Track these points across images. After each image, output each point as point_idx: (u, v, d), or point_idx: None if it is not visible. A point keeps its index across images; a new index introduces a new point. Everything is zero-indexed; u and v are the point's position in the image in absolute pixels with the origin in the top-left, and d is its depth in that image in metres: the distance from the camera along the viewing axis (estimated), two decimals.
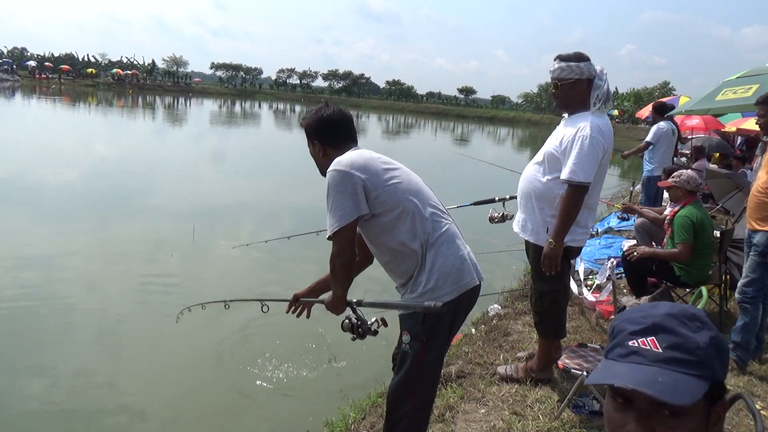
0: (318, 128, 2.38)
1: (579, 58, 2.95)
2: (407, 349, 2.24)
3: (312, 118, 2.39)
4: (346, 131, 2.40)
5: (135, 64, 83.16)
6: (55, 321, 4.95)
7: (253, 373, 4.23)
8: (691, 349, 0.84)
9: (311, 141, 2.42)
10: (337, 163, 2.19)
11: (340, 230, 2.13)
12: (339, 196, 2.13)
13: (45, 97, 40.24)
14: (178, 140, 22.46)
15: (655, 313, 0.88)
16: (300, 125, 2.45)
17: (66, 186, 10.60)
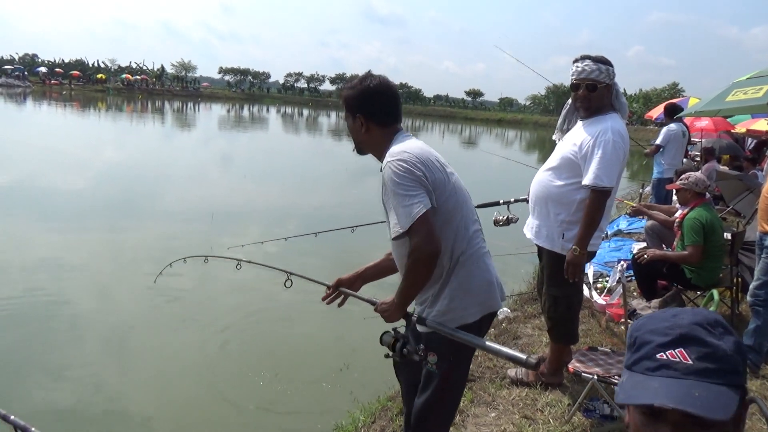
0: (363, 100, 2.10)
1: (608, 62, 2.96)
2: (434, 369, 2.07)
3: (356, 88, 2.11)
4: (395, 108, 2.14)
5: (144, 70, 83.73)
6: (64, 325, 4.98)
7: (264, 377, 4.24)
8: (721, 357, 0.83)
9: (352, 114, 2.13)
10: (402, 154, 1.95)
11: (420, 217, 1.84)
12: (412, 184, 1.89)
13: (55, 103, 40.60)
14: (188, 144, 22.60)
15: (680, 323, 0.87)
16: (339, 96, 2.19)
17: (76, 190, 10.68)
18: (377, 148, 2.11)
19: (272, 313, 5.61)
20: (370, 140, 2.12)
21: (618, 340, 3.99)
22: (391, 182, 1.91)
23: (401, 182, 1.89)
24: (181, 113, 44.42)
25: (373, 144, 2.13)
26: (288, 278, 2.58)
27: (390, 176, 1.92)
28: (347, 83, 2.17)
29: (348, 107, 2.13)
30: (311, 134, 34.42)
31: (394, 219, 1.90)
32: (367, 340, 4.97)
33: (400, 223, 1.87)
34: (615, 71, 2.98)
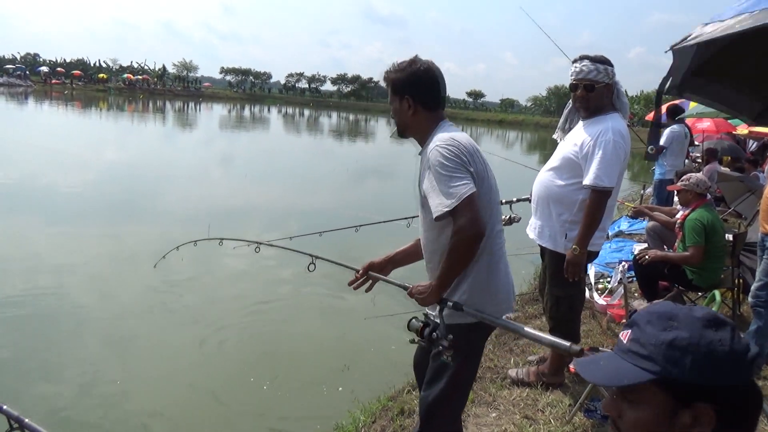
0: (414, 82, 2.11)
1: (608, 62, 2.95)
2: (448, 361, 2.05)
3: (405, 70, 2.11)
4: (441, 93, 2.15)
5: (146, 69, 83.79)
6: (66, 324, 4.99)
7: (264, 376, 4.24)
8: (645, 344, 0.92)
9: (400, 96, 2.12)
10: (451, 140, 1.97)
11: (467, 198, 1.85)
12: (459, 167, 1.91)
13: (57, 102, 40.65)
14: (189, 144, 22.61)
15: (645, 310, 0.97)
16: (384, 78, 2.17)
17: (77, 190, 10.69)
18: (420, 131, 2.15)
19: (273, 312, 5.62)
20: (415, 123, 2.14)
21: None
22: (439, 163, 1.91)
23: (449, 164, 1.91)
24: (183, 113, 44.44)
25: (417, 127, 2.15)
26: (312, 262, 2.58)
27: (437, 158, 1.92)
28: (394, 66, 2.16)
29: (395, 89, 2.14)
30: (312, 134, 34.44)
31: (439, 199, 1.89)
32: (367, 340, 4.99)
33: (445, 203, 1.87)
34: (615, 71, 2.97)
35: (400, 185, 15.10)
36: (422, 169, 2.06)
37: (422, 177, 2.05)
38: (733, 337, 0.89)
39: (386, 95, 2.24)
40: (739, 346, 0.88)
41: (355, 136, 36.66)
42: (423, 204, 2.08)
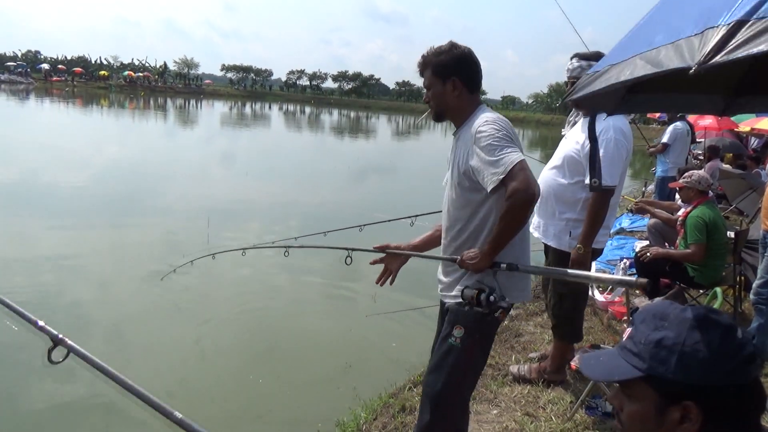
0: (459, 65, 2.14)
1: (599, 57, 2.93)
2: (456, 343, 2.09)
3: (450, 53, 2.14)
4: (481, 76, 2.21)
5: (147, 67, 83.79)
6: (67, 321, 4.99)
7: (265, 373, 4.25)
8: (636, 342, 0.96)
9: (446, 78, 2.14)
10: (499, 118, 2.05)
11: (519, 162, 1.90)
12: (509, 139, 1.98)
13: (58, 100, 40.66)
14: (190, 142, 22.61)
15: (644, 308, 1.01)
16: (423, 62, 2.19)
17: (79, 187, 10.70)
18: (461, 113, 2.18)
19: (273, 310, 5.62)
20: (458, 104, 2.16)
21: (620, 338, 3.98)
22: (490, 136, 1.97)
23: (500, 136, 1.97)
24: (184, 110, 44.44)
25: (459, 109, 2.17)
26: (348, 255, 2.63)
27: (489, 132, 1.98)
28: (434, 50, 2.17)
29: (438, 72, 2.15)
30: (313, 132, 34.42)
31: (493, 168, 1.93)
32: (368, 337, 4.99)
33: (499, 171, 1.91)
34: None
35: (402, 183, 15.12)
36: (459, 148, 2.13)
37: (461, 155, 2.10)
38: (724, 338, 0.90)
39: (387, 93, 2.25)
40: (729, 347, 0.89)
41: (356, 133, 36.65)
42: (459, 183, 2.12)
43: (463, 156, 2.09)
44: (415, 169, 18.51)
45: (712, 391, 0.89)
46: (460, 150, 2.13)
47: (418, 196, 12.25)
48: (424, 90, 2.23)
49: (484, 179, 1.97)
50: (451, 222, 2.21)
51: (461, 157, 2.10)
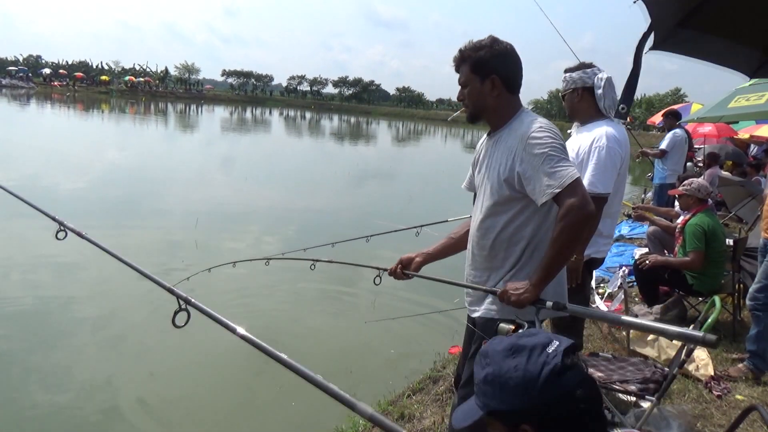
0: (500, 62, 1.99)
1: (578, 68, 2.94)
2: None
3: (492, 48, 1.98)
4: (521, 76, 2.05)
5: (147, 72, 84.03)
6: (65, 324, 4.99)
7: (263, 378, 4.24)
8: (476, 383, 1.05)
9: (482, 76, 1.99)
10: (551, 125, 1.93)
11: (577, 179, 1.80)
12: (564, 151, 1.87)
13: (59, 104, 40.74)
14: (190, 147, 22.64)
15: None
16: (461, 56, 2.02)
17: (78, 192, 10.71)
18: (500, 114, 2.04)
19: (272, 316, 5.62)
20: (497, 105, 2.02)
21: (619, 346, 3.98)
22: (547, 145, 1.84)
23: (558, 146, 1.86)
24: (184, 115, 44.53)
25: (498, 109, 2.03)
26: (378, 275, 2.53)
27: (545, 140, 1.86)
28: (473, 45, 2.01)
29: (477, 68, 1.99)
30: (314, 137, 34.48)
31: (548, 180, 1.81)
32: (367, 343, 4.98)
33: (555, 183, 1.79)
34: (590, 73, 2.92)
35: (404, 189, 15.12)
36: (500, 153, 1.99)
37: (502, 161, 1.96)
38: (529, 359, 0.98)
39: (388, 98, 2.22)
40: (533, 367, 0.97)
41: (357, 139, 36.70)
42: (497, 189, 1.99)
43: (505, 161, 1.95)
44: (416, 175, 18.54)
45: (537, 410, 0.95)
46: (500, 154, 1.99)
47: (421, 202, 12.28)
48: (459, 87, 2.07)
49: (536, 190, 1.85)
50: (483, 230, 2.09)
51: (503, 162, 1.96)
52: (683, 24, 2.01)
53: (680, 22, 1.99)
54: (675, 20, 2.02)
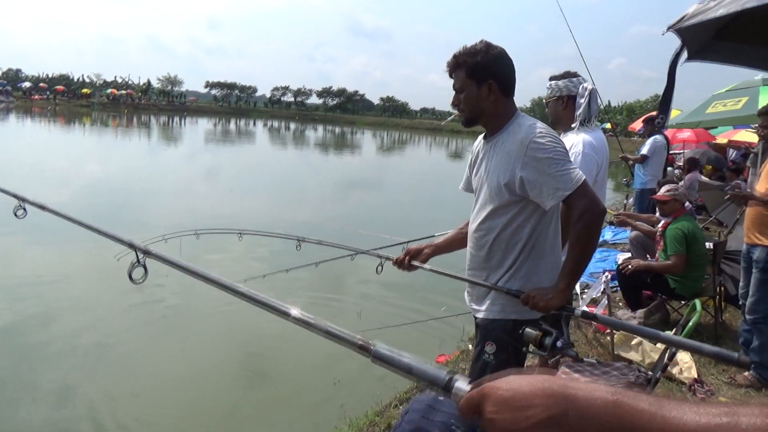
0: (497, 67, 2.01)
1: (562, 77, 3.00)
2: (490, 359, 2.03)
3: (488, 53, 2.00)
4: (515, 79, 2.09)
5: (130, 84, 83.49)
6: (50, 339, 4.90)
7: (250, 390, 4.20)
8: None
9: (479, 81, 2.01)
10: (549, 130, 1.99)
11: (584, 181, 1.87)
12: (566, 154, 1.94)
13: (40, 118, 40.28)
14: (173, 159, 22.49)
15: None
16: (457, 61, 2.03)
17: (59, 206, 10.55)
18: (497, 118, 2.06)
19: (259, 326, 5.57)
20: (494, 109, 2.04)
21: (604, 351, 4.01)
22: (551, 150, 1.89)
23: (561, 150, 1.91)
24: (168, 127, 44.25)
25: (495, 113, 2.06)
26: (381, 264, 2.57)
27: (547, 144, 1.90)
28: (468, 50, 2.02)
29: (473, 74, 2.01)
30: (298, 148, 34.44)
31: (555, 183, 1.86)
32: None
33: (565, 186, 1.85)
34: (576, 82, 2.98)
35: (390, 200, 15.13)
36: (498, 157, 2.01)
37: (501, 164, 1.99)
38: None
39: (372, 108, 2.23)
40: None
41: (341, 149, 36.72)
42: (497, 192, 2.01)
43: (504, 166, 1.98)
44: (402, 185, 18.58)
45: None
46: (499, 159, 2.02)
47: (406, 212, 12.30)
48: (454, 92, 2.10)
49: (543, 194, 1.89)
50: (482, 231, 2.12)
51: (502, 167, 1.99)
52: (719, 37, 2.18)
53: (716, 35, 2.16)
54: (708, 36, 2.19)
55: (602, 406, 0.58)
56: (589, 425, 0.58)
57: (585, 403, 0.59)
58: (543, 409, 0.60)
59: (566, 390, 0.61)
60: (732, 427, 0.49)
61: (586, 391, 0.60)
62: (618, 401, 0.58)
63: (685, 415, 0.53)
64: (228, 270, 6.32)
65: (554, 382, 0.63)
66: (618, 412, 0.57)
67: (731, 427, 0.49)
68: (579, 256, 1.90)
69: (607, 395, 0.59)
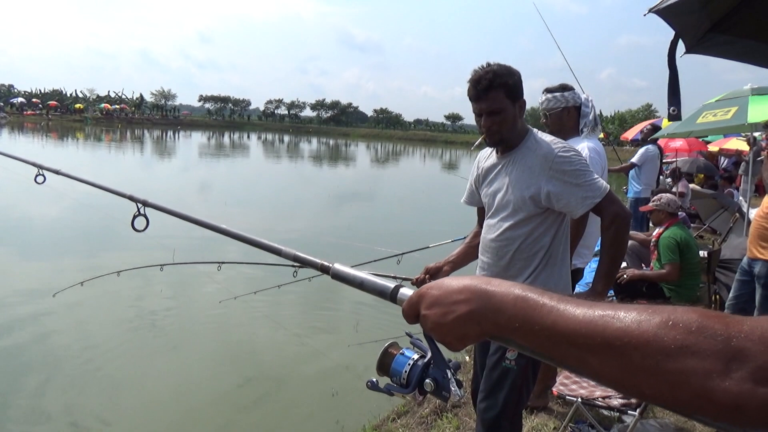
0: (522, 86, 2.10)
1: (564, 89, 3.09)
2: (511, 365, 2.09)
3: (515, 74, 2.07)
4: None
5: (123, 99, 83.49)
6: (43, 357, 4.86)
7: (245, 403, 4.17)
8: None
9: (516, 100, 2.08)
10: (569, 144, 2.13)
11: (610, 189, 2.04)
12: (591, 169, 2.07)
13: (32, 134, 40.17)
14: (167, 172, 22.43)
15: None
16: (492, 83, 2.02)
17: (51, 221, 10.52)
18: (518, 135, 2.14)
19: (254, 340, 5.54)
20: (519, 128, 2.13)
21: None
22: (577, 162, 2.03)
23: (585, 162, 2.07)
24: (161, 142, 44.22)
25: (518, 131, 2.13)
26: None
27: (572, 157, 2.03)
28: (502, 71, 2.04)
29: (512, 94, 2.06)
30: (292, 160, 34.47)
31: (583, 193, 1.99)
32: (350, 367, 4.93)
33: (591, 194, 1.99)
34: (576, 93, 3.10)
35: (385, 211, 15.14)
36: (520, 171, 2.09)
37: (524, 178, 2.07)
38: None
39: (365, 120, 2.25)
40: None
41: (336, 161, 36.78)
42: (520, 206, 2.08)
43: (528, 179, 2.06)
44: (396, 197, 18.59)
45: None
46: (521, 173, 2.09)
47: (400, 224, 12.29)
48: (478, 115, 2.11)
49: (571, 203, 2.00)
50: (502, 241, 2.17)
51: (525, 180, 2.07)
52: (717, 29, 2.16)
53: (713, 27, 2.14)
54: (704, 27, 2.17)
55: (511, 301, 0.65)
56: (500, 318, 0.66)
57: (499, 298, 0.67)
58: (465, 305, 0.69)
59: (486, 288, 0.69)
60: (610, 318, 0.56)
61: (502, 288, 0.68)
62: (525, 297, 0.65)
63: (577, 309, 0.60)
64: (234, 283, 6.28)
65: (478, 282, 0.70)
66: (523, 306, 0.64)
67: (610, 317, 0.56)
68: (613, 260, 2.05)
69: (517, 291, 0.66)
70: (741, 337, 0.49)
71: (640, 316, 0.55)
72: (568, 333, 0.59)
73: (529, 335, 0.63)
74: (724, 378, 0.48)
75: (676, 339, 0.51)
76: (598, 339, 0.56)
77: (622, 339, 0.54)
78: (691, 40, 2.26)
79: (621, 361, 0.54)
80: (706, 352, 0.50)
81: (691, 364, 0.50)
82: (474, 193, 2.38)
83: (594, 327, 0.57)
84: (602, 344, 0.56)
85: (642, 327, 0.54)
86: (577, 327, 0.58)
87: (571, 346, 0.59)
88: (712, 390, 0.49)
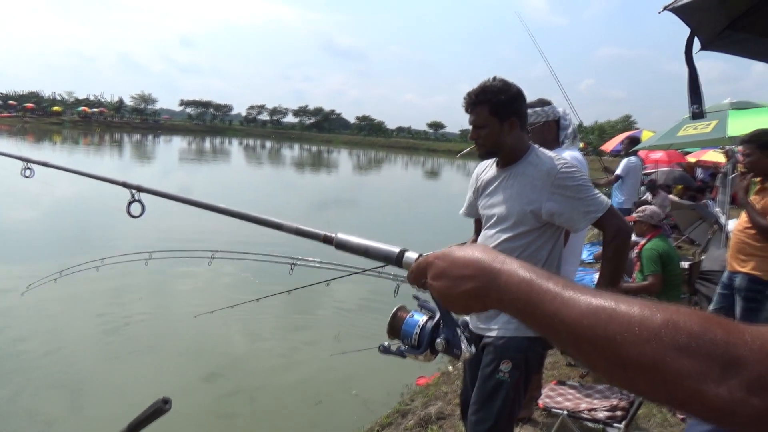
0: (518, 104, 2.15)
1: (543, 103, 3.13)
2: (505, 378, 2.09)
3: (509, 92, 2.11)
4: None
5: (102, 102, 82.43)
6: (15, 366, 4.72)
7: (229, 415, 4.08)
8: None
9: (505, 118, 2.10)
10: (571, 161, 2.21)
11: (610, 203, 2.09)
12: (591, 184, 2.13)
13: (8, 136, 39.39)
14: (145, 177, 22.08)
15: None
16: (478, 99, 2.09)
17: (25, 227, 10.30)
18: (516, 151, 2.17)
19: (236, 350, 5.46)
20: (514, 143, 2.15)
21: (586, 373, 4.00)
22: (579, 178, 2.09)
23: (587, 178, 2.14)
24: (140, 145, 43.70)
25: (514, 147, 2.16)
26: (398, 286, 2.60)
27: (574, 174, 2.09)
28: (491, 89, 2.10)
29: (497, 112, 2.09)
30: (274, 167, 34.29)
31: (586, 207, 2.05)
32: (333, 377, 4.87)
33: (593, 208, 2.05)
34: (555, 107, 3.14)
35: (367, 219, 15.10)
36: (520, 185, 2.13)
37: (524, 193, 2.11)
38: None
39: (348, 127, 2.25)
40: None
41: (318, 167, 36.69)
42: (520, 219, 2.12)
43: (530, 194, 2.10)
44: (378, 203, 18.58)
45: None
46: (521, 187, 2.13)
47: (383, 232, 12.25)
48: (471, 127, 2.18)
49: (573, 218, 2.06)
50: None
51: (526, 194, 2.11)
52: (734, 27, 2.16)
53: (730, 25, 2.14)
54: (721, 24, 2.17)
55: (516, 283, 0.66)
56: (504, 298, 0.67)
57: (504, 279, 0.67)
58: (471, 281, 0.70)
59: (492, 265, 0.70)
60: (613, 312, 0.56)
61: (508, 267, 0.68)
62: (530, 280, 0.65)
63: (580, 297, 0.60)
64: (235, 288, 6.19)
65: (485, 257, 0.71)
66: (527, 289, 0.64)
67: (612, 311, 0.56)
68: (616, 270, 2.12)
69: (524, 273, 0.66)
70: (741, 345, 0.50)
71: (642, 312, 0.55)
72: (569, 323, 0.59)
73: (531, 319, 0.64)
74: (718, 384, 0.49)
75: (676, 340, 0.52)
76: (599, 332, 0.57)
77: (623, 335, 0.55)
78: (707, 37, 2.26)
79: (619, 356, 0.55)
80: (703, 355, 0.50)
81: (688, 366, 0.51)
82: (473, 204, 2.39)
83: (596, 320, 0.57)
84: (602, 338, 0.56)
85: (644, 325, 0.54)
86: (578, 318, 0.59)
87: (571, 335, 0.60)
88: (705, 394, 0.50)
